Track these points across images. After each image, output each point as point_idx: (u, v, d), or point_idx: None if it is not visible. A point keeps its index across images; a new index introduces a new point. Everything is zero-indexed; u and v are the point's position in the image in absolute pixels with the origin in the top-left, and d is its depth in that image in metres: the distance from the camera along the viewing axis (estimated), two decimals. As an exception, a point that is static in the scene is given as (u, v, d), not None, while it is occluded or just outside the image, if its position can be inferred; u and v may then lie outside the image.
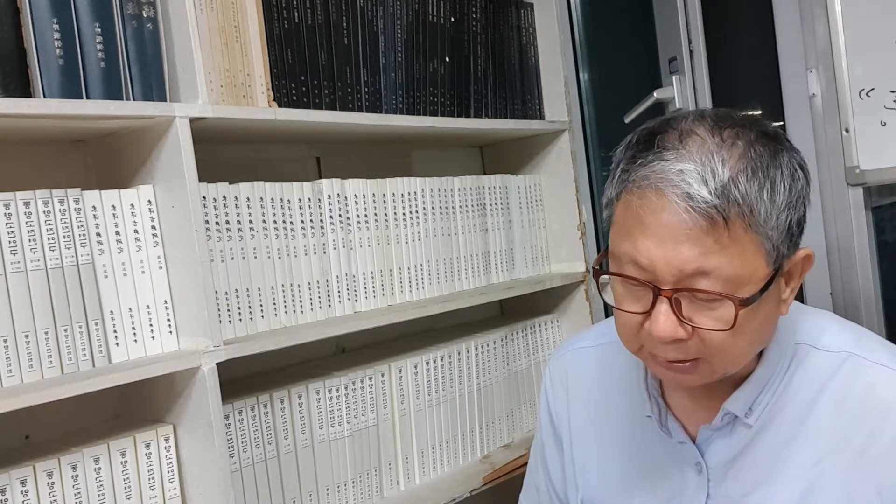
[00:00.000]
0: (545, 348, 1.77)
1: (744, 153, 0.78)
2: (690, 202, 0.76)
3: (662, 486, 0.97)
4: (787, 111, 2.02)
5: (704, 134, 0.80)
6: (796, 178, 0.81)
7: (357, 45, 1.39)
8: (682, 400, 0.96)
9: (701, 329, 0.80)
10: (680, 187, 0.76)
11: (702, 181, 0.76)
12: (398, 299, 1.45)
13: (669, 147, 0.79)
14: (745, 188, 0.76)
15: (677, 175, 0.77)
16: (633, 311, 0.83)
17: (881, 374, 0.88)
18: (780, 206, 0.78)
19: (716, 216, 0.76)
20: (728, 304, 0.78)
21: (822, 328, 0.94)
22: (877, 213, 1.88)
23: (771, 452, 0.91)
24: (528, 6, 1.79)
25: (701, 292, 0.78)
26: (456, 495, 1.44)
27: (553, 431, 1.13)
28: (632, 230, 0.81)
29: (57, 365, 1.03)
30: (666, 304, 0.79)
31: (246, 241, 1.22)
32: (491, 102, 1.68)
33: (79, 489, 1.04)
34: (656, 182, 0.78)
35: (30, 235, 1.01)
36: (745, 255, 0.78)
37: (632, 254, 0.80)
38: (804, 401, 0.90)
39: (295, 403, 1.28)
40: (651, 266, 0.79)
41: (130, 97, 1.09)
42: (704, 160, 0.77)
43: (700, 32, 2.07)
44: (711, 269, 0.77)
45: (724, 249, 0.77)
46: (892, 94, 1.72)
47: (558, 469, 1.12)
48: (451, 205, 1.56)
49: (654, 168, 0.78)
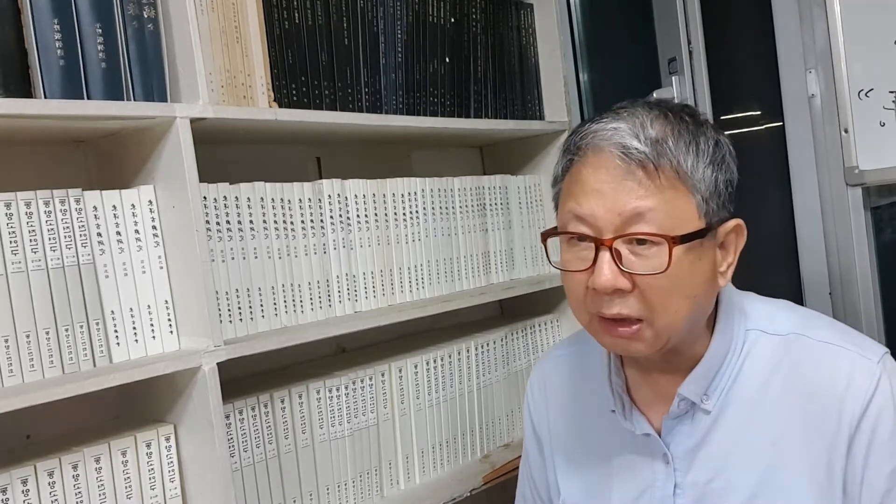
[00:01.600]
0: (545, 348, 1.78)
1: (671, 121, 0.88)
2: (624, 150, 0.85)
3: (635, 481, 1.00)
4: (786, 111, 2.03)
5: (637, 108, 0.90)
6: (720, 144, 0.90)
7: (357, 46, 1.39)
8: (645, 394, 0.99)
9: (640, 276, 0.85)
10: (613, 139, 0.86)
11: (633, 135, 0.86)
12: (398, 299, 1.45)
13: (606, 116, 0.90)
14: (672, 144, 0.86)
15: (612, 131, 0.87)
16: (578, 270, 0.88)
17: (826, 352, 0.92)
18: (704, 161, 0.87)
19: (647, 163, 0.84)
20: (663, 249, 0.84)
21: (773, 314, 0.98)
22: (876, 213, 1.88)
23: (730, 437, 0.93)
24: (528, 7, 1.79)
25: (638, 234, 0.85)
26: (456, 495, 1.44)
27: (536, 439, 1.15)
28: (574, 191, 0.89)
29: (58, 365, 1.03)
30: (608, 253, 0.85)
31: (246, 241, 1.22)
32: (491, 103, 1.68)
33: (80, 489, 1.04)
34: (593, 140, 0.88)
35: (31, 235, 1.01)
36: (677, 201, 0.85)
37: (574, 209, 0.88)
38: (757, 384, 0.93)
39: (295, 403, 1.28)
40: (592, 216, 0.86)
41: (131, 97, 1.09)
42: (635, 121, 0.87)
43: (699, 33, 2.08)
44: (647, 210, 0.84)
45: (657, 194, 0.84)
46: (891, 94, 1.73)
47: (542, 475, 1.15)
48: (451, 205, 1.57)
49: (592, 129, 0.89)
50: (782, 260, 2.10)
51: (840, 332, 0.95)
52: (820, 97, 1.87)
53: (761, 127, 2.16)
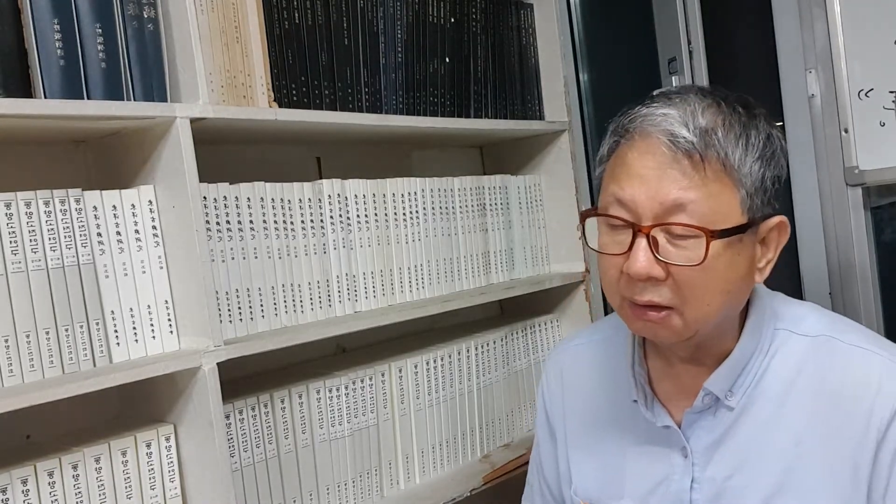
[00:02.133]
0: (545, 348, 1.78)
1: (721, 111, 0.86)
2: (672, 138, 0.84)
3: (651, 472, 0.99)
4: (786, 111, 2.03)
5: (690, 95, 0.89)
6: (771, 138, 0.88)
7: (357, 46, 1.39)
8: (668, 387, 0.99)
9: (674, 266, 0.84)
10: (662, 126, 0.85)
11: (682, 123, 0.84)
12: (398, 299, 1.45)
13: (657, 101, 0.88)
14: (722, 135, 0.84)
15: (661, 117, 0.86)
16: (614, 254, 0.88)
17: (856, 356, 0.91)
18: (753, 155, 0.85)
19: (694, 153, 0.83)
20: (701, 241, 0.83)
21: (802, 315, 0.97)
22: (876, 213, 1.88)
23: (752, 435, 0.93)
24: (528, 7, 1.79)
25: (677, 225, 0.84)
26: (456, 495, 1.44)
27: (549, 428, 1.15)
28: (618, 173, 0.88)
29: (58, 365, 1.03)
30: (644, 240, 0.85)
31: (246, 241, 1.22)
32: (491, 103, 1.68)
33: (80, 489, 1.04)
34: (642, 125, 0.87)
35: (31, 235, 1.01)
36: (721, 195, 0.84)
37: (616, 193, 0.87)
38: (783, 383, 0.93)
39: (295, 403, 1.28)
40: (633, 202, 0.85)
41: (131, 97, 1.09)
42: (687, 108, 0.86)
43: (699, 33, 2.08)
44: (688, 201, 0.83)
45: (700, 186, 0.83)
46: (890, 94, 1.73)
47: (552, 465, 1.14)
48: (451, 205, 1.57)
49: (642, 112, 0.88)
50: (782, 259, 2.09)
51: (870, 336, 0.94)
52: (820, 97, 1.87)
53: (761, 127, 2.16)
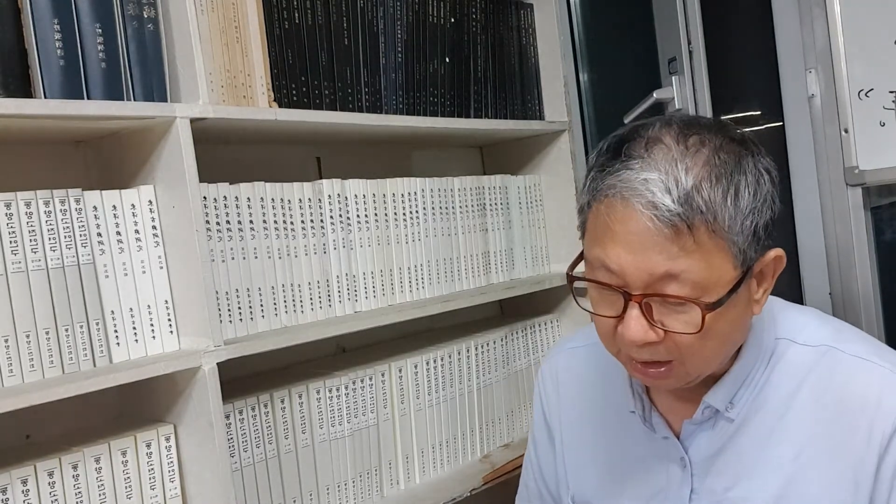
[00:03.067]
0: (545, 348, 1.78)
1: (707, 160, 0.80)
2: (655, 211, 0.78)
3: (648, 482, 0.98)
4: (786, 111, 2.02)
5: (670, 142, 0.81)
6: (761, 182, 0.82)
7: (357, 46, 1.39)
8: (666, 397, 0.98)
9: (671, 332, 0.81)
10: (644, 196, 0.78)
11: (665, 190, 0.78)
12: (398, 299, 1.45)
13: (635, 156, 0.81)
14: (709, 195, 0.78)
15: (642, 184, 0.78)
16: (606, 316, 0.85)
17: (858, 367, 0.89)
18: (744, 211, 0.79)
19: (679, 224, 0.77)
20: (696, 308, 0.79)
21: (803, 324, 0.95)
22: (876, 213, 1.88)
23: (752, 447, 0.92)
24: (528, 6, 1.79)
25: (669, 297, 0.80)
26: (456, 495, 1.44)
27: (547, 430, 1.14)
28: (601, 237, 0.83)
29: (58, 364, 1.03)
30: (637, 308, 0.81)
31: (246, 241, 1.22)
32: (491, 103, 1.68)
33: (80, 489, 1.04)
34: (622, 191, 0.80)
35: (31, 235, 1.01)
36: (712, 259, 0.79)
37: (602, 259, 0.83)
38: (784, 395, 0.91)
39: (295, 403, 1.28)
40: (621, 272, 0.81)
41: (131, 97, 1.09)
42: (668, 169, 0.79)
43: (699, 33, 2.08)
44: (679, 272, 0.79)
45: (690, 254, 0.78)
46: (891, 94, 1.73)
47: (551, 468, 1.13)
48: (451, 205, 1.57)
49: (621, 177, 0.80)
50: (782, 260, 2.09)
51: (873, 346, 0.92)
52: (820, 97, 1.87)
53: (761, 127, 2.16)
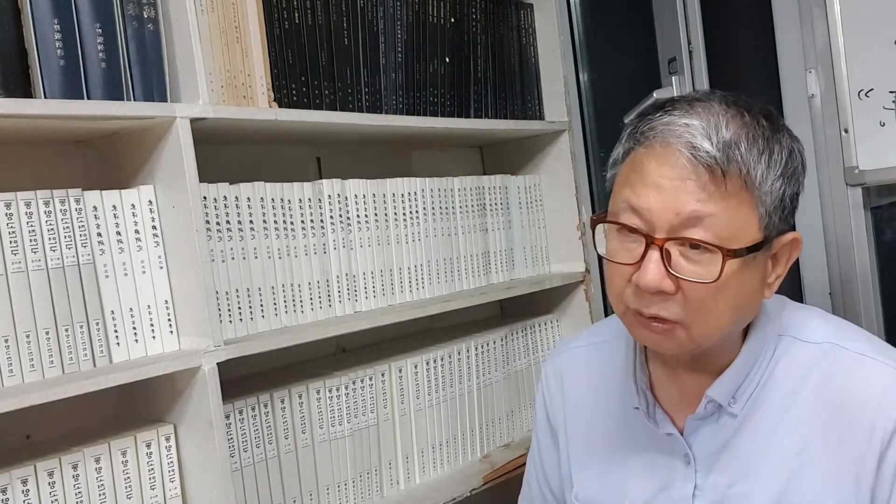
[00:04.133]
0: (545, 348, 1.78)
1: (747, 122, 0.83)
2: (693, 150, 0.80)
3: (652, 479, 0.99)
4: (786, 111, 2.02)
5: (714, 103, 0.85)
6: (794, 155, 0.85)
7: (357, 46, 1.39)
8: (669, 392, 0.98)
9: (686, 281, 0.82)
10: (684, 138, 0.81)
11: (705, 135, 0.81)
12: (398, 299, 1.45)
13: (679, 108, 0.84)
14: (745, 150, 0.81)
15: (683, 127, 0.82)
16: (624, 263, 0.85)
17: (861, 365, 0.90)
18: (775, 173, 0.83)
19: (714, 167, 0.80)
20: (716, 259, 0.80)
21: (806, 321, 0.96)
22: (876, 213, 1.88)
23: (755, 443, 0.92)
24: (528, 6, 1.79)
25: (692, 241, 0.81)
26: (456, 495, 1.44)
27: (550, 430, 1.14)
28: (633, 179, 0.85)
29: (58, 365, 1.03)
30: (657, 252, 0.82)
31: (246, 241, 1.22)
32: (491, 103, 1.68)
33: (80, 489, 1.04)
34: (663, 133, 0.83)
35: (31, 235, 1.01)
36: (739, 211, 0.81)
37: (630, 199, 0.84)
38: (787, 391, 0.92)
39: (295, 403, 1.28)
40: (647, 210, 0.82)
41: (131, 98, 1.09)
42: (710, 119, 0.82)
43: (699, 33, 2.08)
44: (706, 215, 0.80)
45: (719, 200, 0.80)
46: (891, 94, 1.73)
47: (554, 468, 1.13)
48: (451, 205, 1.57)
49: (663, 120, 0.84)
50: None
51: (875, 344, 0.92)
52: (820, 97, 1.87)
53: (761, 127, 2.16)
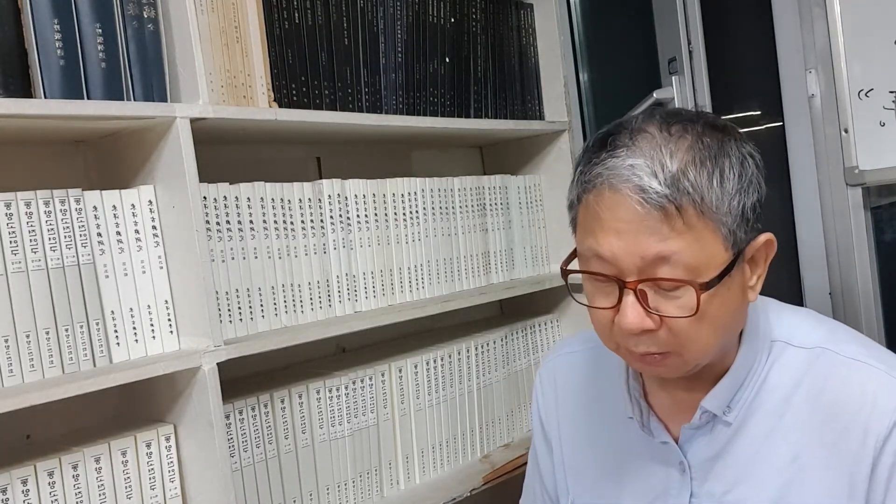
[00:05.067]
0: (545, 348, 1.78)
1: (691, 145, 0.81)
2: (643, 194, 0.79)
3: (648, 487, 0.98)
4: (786, 111, 2.02)
5: (654, 130, 0.83)
6: (746, 165, 0.83)
7: (357, 46, 1.39)
8: (663, 401, 0.97)
9: (667, 318, 0.82)
10: (631, 181, 0.80)
11: (651, 174, 0.79)
12: (398, 299, 1.45)
13: (621, 145, 0.82)
14: (694, 177, 0.79)
15: (628, 170, 0.80)
16: (603, 307, 0.85)
17: (853, 369, 0.89)
18: (730, 192, 0.81)
19: (668, 205, 0.79)
20: (690, 291, 0.80)
21: (798, 325, 0.95)
22: (876, 213, 1.88)
23: (750, 450, 0.92)
24: (528, 6, 1.79)
25: (663, 280, 0.80)
26: (456, 495, 1.44)
27: (544, 436, 1.14)
28: (592, 227, 0.84)
29: (58, 365, 1.03)
30: (632, 295, 0.82)
31: (246, 241, 1.22)
32: (491, 103, 1.68)
33: (80, 489, 1.04)
34: (609, 178, 0.81)
35: (31, 235, 1.01)
36: (702, 240, 0.80)
37: (595, 248, 0.83)
38: (780, 397, 0.91)
39: (295, 403, 1.28)
40: (613, 258, 0.82)
41: (131, 98, 1.09)
42: (654, 154, 0.80)
43: (699, 33, 2.07)
44: (670, 254, 0.79)
45: (680, 235, 0.79)
46: (891, 94, 1.73)
47: (550, 473, 1.13)
48: (451, 205, 1.57)
49: (607, 164, 0.82)
50: (782, 260, 2.09)
51: (868, 347, 0.92)
52: (820, 97, 1.87)
53: (761, 127, 2.16)
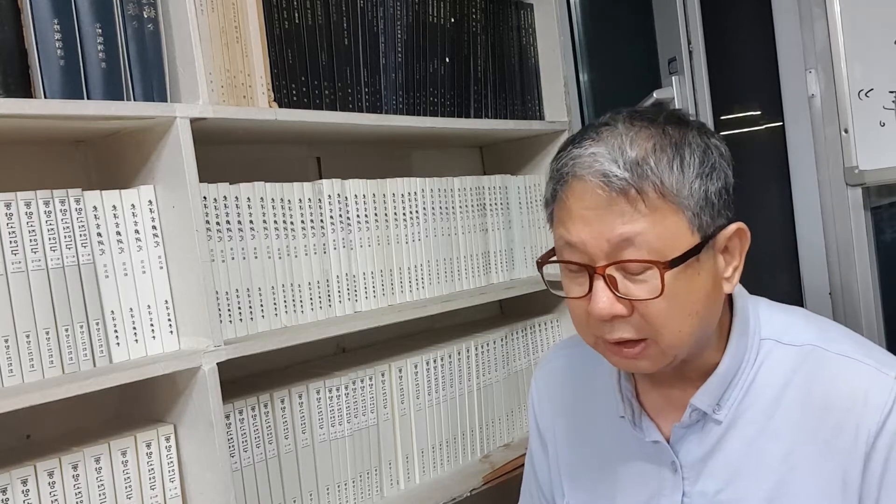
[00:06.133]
0: (545, 348, 1.78)
1: (652, 135, 0.85)
2: (604, 179, 0.83)
3: (641, 487, 0.99)
4: (786, 111, 2.03)
5: (618, 124, 0.87)
6: (708, 153, 0.86)
7: (357, 46, 1.39)
8: (655, 400, 0.98)
9: (636, 301, 0.84)
10: (593, 167, 0.84)
11: (612, 160, 0.83)
12: (398, 299, 1.45)
13: (587, 138, 0.87)
14: (654, 163, 0.83)
15: (590, 157, 0.84)
16: (576, 297, 0.88)
17: (844, 366, 0.89)
18: (690, 176, 0.84)
19: (628, 188, 0.82)
20: (655, 273, 0.83)
21: (789, 323, 0.95)
22: (876, 213, 1.88)
23: (742, 448, 0.92)
24: (528, 6, 1.79)
25: (629, 262, 0.83)
26: (456, 495, 1.44)
27: (540, 438, 1.14)
28: (563, 217, 0.88)
29: (58, 365, 1.03)
30: (601, 281, 0.84)
31: (246, 241, 1.22)
32: (491, 103, 1.68)
33: (80, 489, 1.04)
34: (574, 167, 0.86)
35: (31, 235, 1.01)
36: (665, 222, 0.83)
37: (565, 237, 0.87)
38: (771, 395, 0.92)
39: (295, 403, 1.28)
40: (582, 244, 0.85)
41: (131, 97, 1.09)
42: (615, 143, 0.85)
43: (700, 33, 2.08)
44: (634, 234, 0.82)
45: (643, 217, 0.83)
46: (890, 94, 1.73)
47: (546, 475, 1.14)
48: (451, 205, 1.57)
49: (572, 154, 0.87)
50: (782, 260, 2.10)
51: (858, 345, 0.92)
52: (820, 97, 1.87)
53: (761, 127, 2.16)
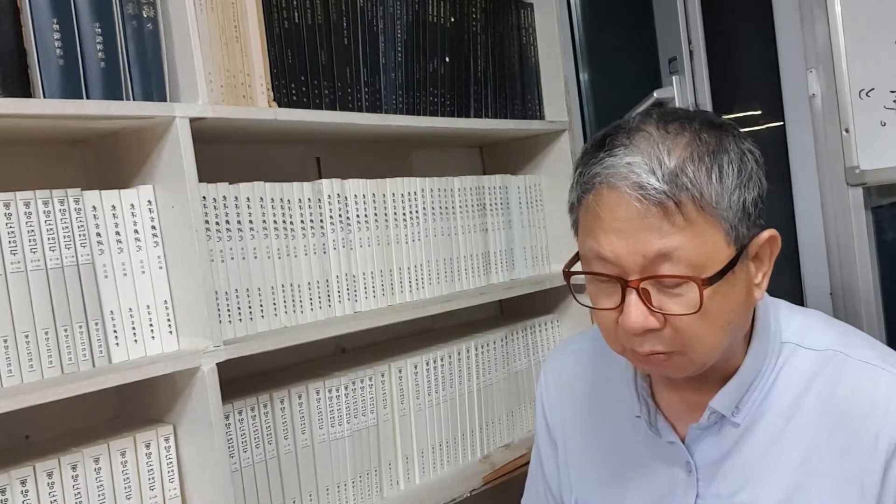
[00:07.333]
0: (545, 348, 1.77)
1: (689, 142, 0.81)
2: (641, 191, 0.79)
3: (653, 487, 0.98)
4: (786, 111, 2.02)
5: (651, 129, 0.83)
6: (745, 160, 0.83)
7: (357, 45, 1.39)
8: (671, 400, 0.97)
9: (671, 315, 0.81)
10: (629, 178, 0.79)
11: (650, 171, 0.79)
12: (398, 299, 1.45)
13: (619, 145, 0.82)
14: (693, 173, 0.79)
15: (626, 168, 0.80)
16: (606, 308, 0.85)
17: (865, 372, 0.89)
18: (729, 186, 0.80)
19: (666, 201, 0.78)
20: (693, 287, 0.79)
21: (809, 327, 0.94)
22: (877, 213, 1.88)
23: (758, 451, 0.91)
24: (528, 6, 1.79)
25: (665, 277, 0.80)
26: (456, 495, 1.44)
27: (548, 434, 1.13)
28: (593, 227, 0.83)
29: (57, 365, 1.03)
30: (634, 294, 0.81)
31: (246, 241, 1.22)
32: (491, 103, 1.68)
33: (79, 489, 1.04)
34: (608, 177, 0.81)
35: (30, 235, 1.01)
36: (703, 235, 0.80)
37: (596, 249, 0.83)
38: (790, 399, 0.91)
39: (295, 403, 1.28)
40: (615, 258, 0.81)
41: (130, 97, 1.09)
42: (651, 152, 0.80)
43: (700, 32, 2.08)
44: (672, 250, 0.79)
45: (681, 231, 0.79)
46: (891, 94, 1.72)
47: (554, 471, 1.13)
48: (451, 205, 1.56)
49: (605, 164, 0.82)
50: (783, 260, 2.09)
51: (879, 351, 0.92)
52: (820, 97, 1.87)
53: (762, 127, 2.16)
